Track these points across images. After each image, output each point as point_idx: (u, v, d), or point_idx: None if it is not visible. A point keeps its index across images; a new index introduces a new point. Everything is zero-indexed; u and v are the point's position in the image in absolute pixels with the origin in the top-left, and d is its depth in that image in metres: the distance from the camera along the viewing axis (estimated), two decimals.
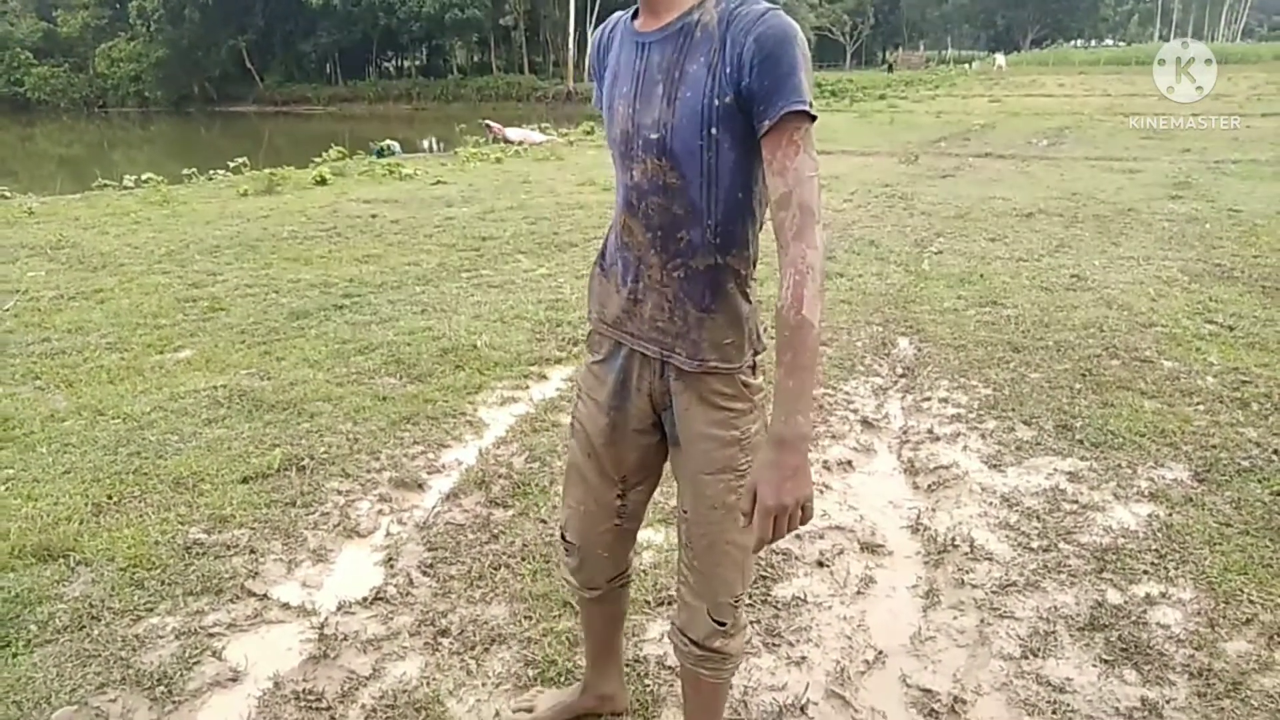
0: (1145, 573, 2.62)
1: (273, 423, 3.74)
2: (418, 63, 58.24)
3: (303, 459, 3.38)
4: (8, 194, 10.64)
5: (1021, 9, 70.86)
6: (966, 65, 54.66)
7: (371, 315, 5.29)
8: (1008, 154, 13.45)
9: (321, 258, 6.97)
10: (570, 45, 48.08)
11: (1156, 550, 2.73)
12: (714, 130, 1.37)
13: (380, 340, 4.79)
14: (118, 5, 49.90)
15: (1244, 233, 7.25)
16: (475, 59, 57.67)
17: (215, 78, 51.67)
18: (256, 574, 2.67)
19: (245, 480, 3.23)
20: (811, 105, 1.33)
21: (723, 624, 1.64)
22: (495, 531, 2.89)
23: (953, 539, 2.82)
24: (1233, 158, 12.11)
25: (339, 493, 3.17)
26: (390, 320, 5.18)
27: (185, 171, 12.90)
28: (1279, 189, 9.46)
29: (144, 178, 11.38)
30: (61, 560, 2.71)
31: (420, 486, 3.23)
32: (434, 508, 3.06)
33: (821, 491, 3.16)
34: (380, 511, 3.05)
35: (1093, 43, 73.31)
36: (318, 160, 13.86)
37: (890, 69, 55.59)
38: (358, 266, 6.63)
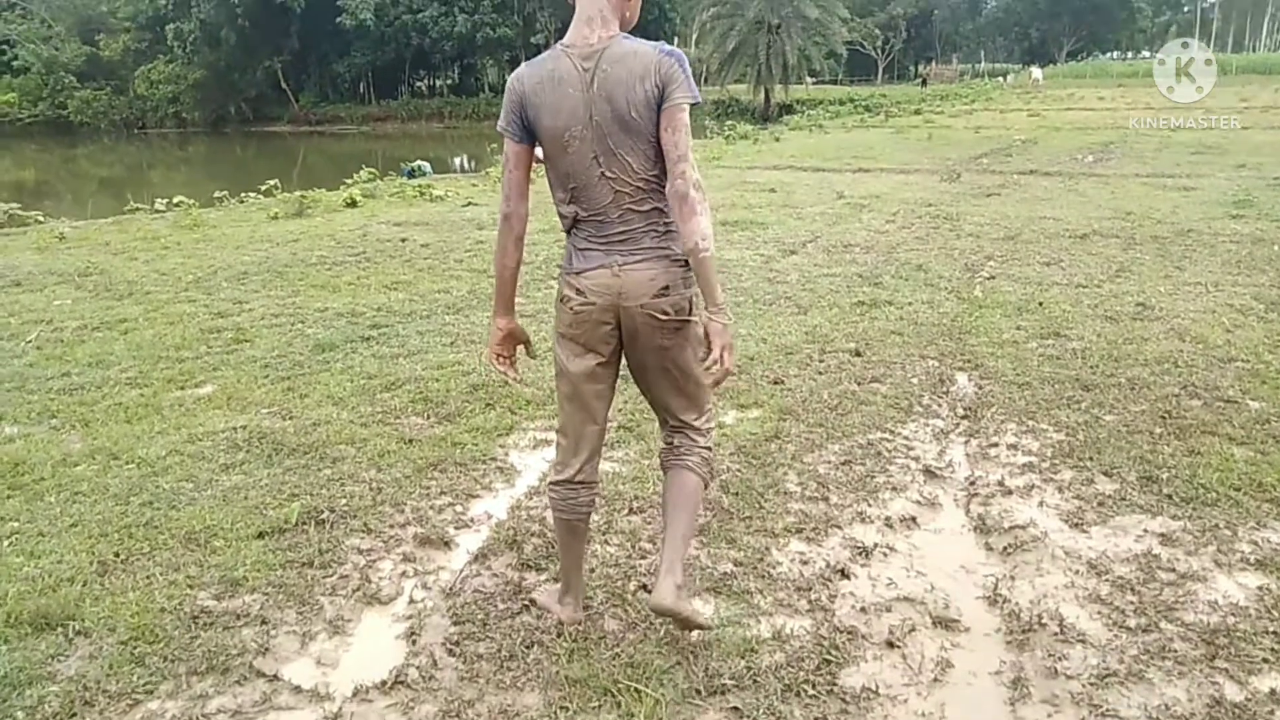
0: (1266, 661, 2.30)
1: (293, 469, 3.52)
2: (449, 81, 58.66)
3: (322, 511, 3.15)
4: (41, 219, 10.63)
5: (1056, 21, 69.94)
6: (1001, 79, 54.02)
7: (399, 347, 5.08)
8: (1053, 171, 13.05)
9: (350, 284, 6.80)
10: None
11: (1275, 633, 2.41)
12: None
13: (408, 375, 4.57)
14: (157, 29, 50.72)
15: None
16: (506, 77, 57.86)
17: (251, 98, 52.37)
18: (267, 649, 2.43)
19: (260, 535, 3.01)
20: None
21: None
22: (527, 601, 2.63)
23: (1038, 615, 2.52)
24: None
25: (359, 551, 2.93)
26: (419, 353, 4.96)
27: (217, 194, 12.86)
28: None
29: (175, 200, 11.33)
30: (60, 630, 2.50)
31: (447, 544, 2.98)
32: (461, 571, 2.81)
33: (885, 554, 2.88)
34: (404, 574, 2.81)
35: (1129, 55, 72.20)
36: (349, 181, 13.79)
37: (924, 83, 54.99)
38: (386, 294, 6.45)
